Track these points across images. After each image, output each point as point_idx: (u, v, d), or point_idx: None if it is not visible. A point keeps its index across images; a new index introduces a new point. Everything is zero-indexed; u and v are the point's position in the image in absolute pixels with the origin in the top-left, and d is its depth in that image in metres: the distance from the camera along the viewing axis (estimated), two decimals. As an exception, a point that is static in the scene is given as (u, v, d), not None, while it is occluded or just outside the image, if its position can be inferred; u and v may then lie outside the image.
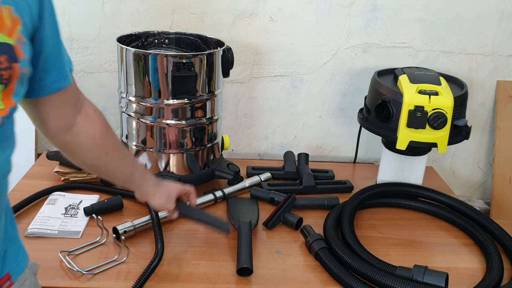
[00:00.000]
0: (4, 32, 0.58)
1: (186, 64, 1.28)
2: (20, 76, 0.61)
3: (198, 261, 1.17)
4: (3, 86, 0.59)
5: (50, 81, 0.75)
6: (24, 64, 0.62)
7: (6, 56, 0.58)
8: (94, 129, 0.88)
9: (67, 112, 0.83)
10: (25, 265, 0.78)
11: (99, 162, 0.93)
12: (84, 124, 0.86)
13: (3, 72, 0.58)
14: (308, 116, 1.77)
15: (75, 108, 0.85)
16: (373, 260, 1.14)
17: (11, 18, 0.59)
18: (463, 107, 1.41)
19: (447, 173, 1.88)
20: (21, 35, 0.61)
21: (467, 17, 1.66)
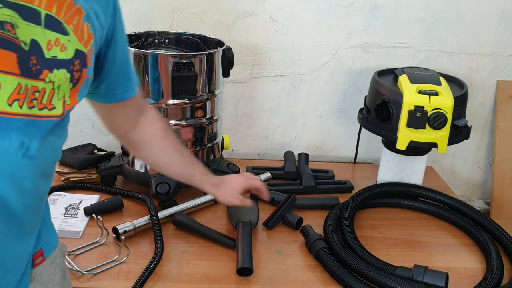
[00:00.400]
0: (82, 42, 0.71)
1: (186, 64, 1.28)
2: (85, 79, 0.72)
3: (198, 261, 1.17)
4: (72, 85, 0.70)
5: (119, 92, 0.89)
6: (90, 70, 0.73)
7: (79, 61, 0.70)
8: (155, 129, 1.01)
9: (132, 116, 0.96)
10: (56, 244, 0.84)
11: (160, 161, 1.05)
12: (147, 125, 0.99)
13: (75, 73, 0.69)
14: (308, 116, 1.77)
15: (139, 112, 0.98)
16: (373, 260, 1.14)
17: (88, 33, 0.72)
18: (463, 107, 1.41)
19: (447, 173, 1.88)
20: (92, 48, 0.73)
21: (467, 17, 1.66)
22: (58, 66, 0.67)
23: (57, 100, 0.68)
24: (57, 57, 0.66)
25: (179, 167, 1.08)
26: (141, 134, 0.99)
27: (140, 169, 1.41)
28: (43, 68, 0.65)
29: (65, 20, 0.67)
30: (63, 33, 0.67)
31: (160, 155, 1.04)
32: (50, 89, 0.66)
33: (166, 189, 1.33)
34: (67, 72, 0.68)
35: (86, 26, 0.71)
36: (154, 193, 1.33)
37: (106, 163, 1.45)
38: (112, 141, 1.75)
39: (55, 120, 0.68)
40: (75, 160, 1.45)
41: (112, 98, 0.90)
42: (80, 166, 1.44)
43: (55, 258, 0.83)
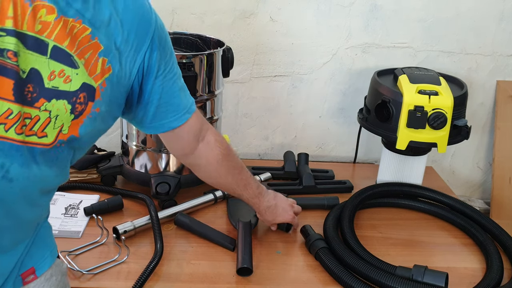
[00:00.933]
0: (93, 76, 0.71)
1: (186, 64, 1.28)
2: (91, 113, 0.72)
3: (198, 261, 1.17)
4: (73, 116, 0.69)
5: (166, 122, 0.91)
6: (98, 104, 0.73)
7: (85, 94, 0.70)
8: (212, 156, 1.04)
9: (188, 142, 0.98)
10: (51, 262, 0.83)
11: (213, 182, 1.13)
12: (204, 151, 1.02)
13: (78, 105, 0.69)
14: (308, 116, 1.77)
15: (197, 137, 1.00)
16: (373, 260, 1.14)
17: (102, 67, 0.72)
18: (463, 107, 1.41)
19: (447, 173, 1.88)
20: (105, 82, 0.73)
21: (467, 17, 1.66)
22: (58, 96, 0.67)
23: (52, 129, 0.68)
24: (59, 88, 0.67)
25: (230, 189, 1.14)
26: (199, 159, 1.03)
27: (140, 169, 1.41)
28: (40, 96, 0.65)
29: (76, 54, 0.68)
30: (71, 66, 0.68)
31: (214, 177, 1.09)
32: (45, 118, 0.67)
33: (166, 189, 1.33)
34: (68, 104, 0.68)
35: (101, 61, 0.72)
36: (154, 193, 1.33)
37: (106, 163, 1.45)
38: (112, 141, 1.75)
39: (42, 148, 0.68)
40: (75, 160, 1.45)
41: (159, 128, 0.92)
42: (80, 166, 1.44)
43: (51, 276, 0.82)
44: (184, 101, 0.93)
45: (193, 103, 0.96)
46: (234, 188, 1.13)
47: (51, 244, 0.85)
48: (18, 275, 0.77)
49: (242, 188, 1.13)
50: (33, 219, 0.77)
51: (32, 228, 0.78)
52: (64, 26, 0.67)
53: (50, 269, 0.82)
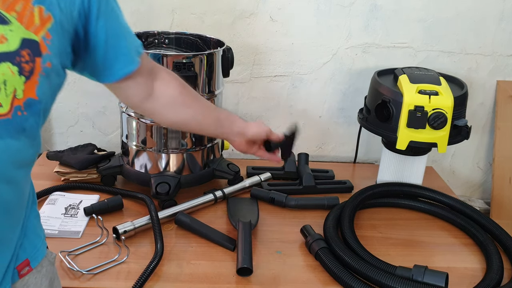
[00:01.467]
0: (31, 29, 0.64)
1: (186, 64, 1.28)
2: (42, 69, 0.66)
3: (198, 261, 1.17)
4: (24, 78, 0.64)
5: (117, 69, 0.84)
6: (47, 58, 0.67)
7: (29, 51, 0.64)
8: (172, 89, 0.97)
9: (144, 84, 0.92)
10: (43, 253, 0.82)
11: (184, 117, 1.01)
12: (162, 88, 0.95)
13: (24, 65, 0.63)
14: (308, 116, 1.77)
15: (150, 78, 0.93)
16: (373, 260, 1.14)
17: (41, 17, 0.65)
18: (463, 107, 1.41)
19: (447, 173, 1.88)
20: (49, 33, 0.67)
21: (467, 17, 1.66)
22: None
23: (5, 96, 0.62)
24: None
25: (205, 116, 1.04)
26: (160, 99, 0.96)
27: (140, 169, 1.41)
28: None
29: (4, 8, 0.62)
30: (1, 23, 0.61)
31: (182, 112, 1.00)
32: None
33: (166, 189, 1.33)
34: (13, 65, 0.62)
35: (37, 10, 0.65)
36: (154, 193, 1.33)
37: (106, 163, 1.45)
38: (112, 141, 1.75)
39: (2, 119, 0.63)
40: (75, 160, 1.45)
41: (112, 76, 0.85)
42: (80, 166, 1.44)
43: (42, 268, 0.81)
44: (132, 42, 0.87)
45: (140, 45, 0.90)
46: (208, 113, 1.05)
47: (42, 234, 0.83)
48: (14, 268, 0.75)
49: (214, 109, 1.07)
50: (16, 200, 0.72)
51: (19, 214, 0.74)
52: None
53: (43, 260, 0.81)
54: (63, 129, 1.73)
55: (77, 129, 1.73)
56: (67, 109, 1.69)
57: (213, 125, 1.08)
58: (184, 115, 1.01)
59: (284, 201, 1.41)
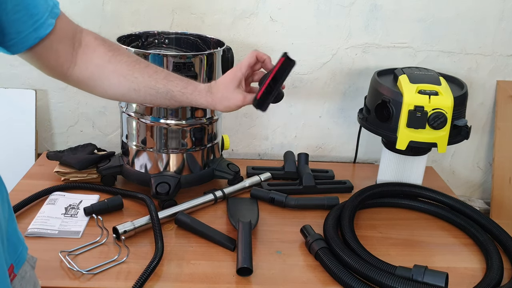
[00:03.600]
0: None
1: (186, 64, 1.28)
2: None
3: (198, 261, 1.17)
4: None
5: (28, 32, 0.74)
6: None
7: None
8: (98, 56, 0.86)
9: (65, 51, 0.82)
10: (25, 257, 0.79)
11: (122, 90, 0.89)
12: (88, 56, 0.85)
13: None
14: (308, 116, 1.77)
15: (73, 44, 0.83)
16: (373, 260, 1.14)
17: None
18: (463, 107, 1.41)
19: (447, 173, 1.88)
20: None
21: (467, 17, 1.66)
22: None
23: None
24: None
25: (150, 90, 0.90)
26: (87, 68, 0.85)
27: (140, 169, 1.41)
28: None
29: None
30: None
31: (118, 84, 0.88)
32: None
33: (166, 189, 1.33)
34: None
35: None
36: (154, 193, 1.33)
37: (106, 163, 1.45)
38: (112, 141, 1.75)
39: None
40: (75, 160, 1.45)
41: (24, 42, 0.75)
42: (80, 166, 1.44)
43: (25, 273, 0.79)
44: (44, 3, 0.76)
45: (56, 5, 0.79)
46: (153, 85, 0.90)
47: (21, 237, 0.79)
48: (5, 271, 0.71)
49: (163, 81, 0.90)
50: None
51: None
52: None
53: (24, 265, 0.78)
54: (63, 129, 1.73)
55: (77, 129, 1.73)
56: (67, 109, 1.69)
57: (164, 100, 0.93)
58: (119, 89, 0.88)
59: (284, 201, 1.41)
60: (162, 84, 0.91)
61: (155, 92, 0.91)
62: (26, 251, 0.81)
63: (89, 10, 1.58)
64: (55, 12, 0.79)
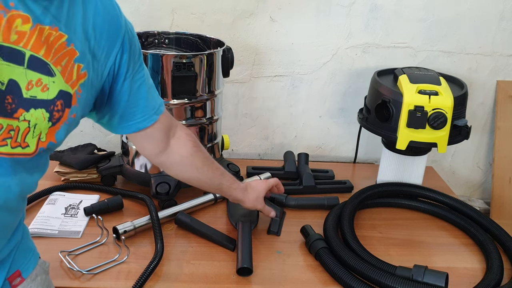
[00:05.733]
0: (69, 83, 0.71)
1: (186, 64, 1.28)
2: (68, 119, 0.73)
3: (198, 261, 1.17)
4: (50, 124, 0.71)
5: (133, 123, 0.92)
6: (74, 110, 0.74)
7: (62, 101, 0.71)
8: (185, 149, 1.03)
9: (160, 140, 0.99)
10: (35, 263, 0.85)
11: (191, 176, 1.08)
12: (177, 147, 1.02)
13: (55, 113, 0.70)
14: (308, 116, 1.77)
15: (168, 135, 1.00)
16: (373, 260, 1.14)
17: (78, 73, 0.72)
18: (463, 107, 1.41)
19: (447, 173, 1.88)
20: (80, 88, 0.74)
21: (467, 17, 1.66)
22: (36, 106, 0.67)
23: (31, 138, 0.69)
24: (37, 97, 0.67)
25: (208, 180, 1.10)
26: (172, 156, 1.02)
27: (140, 169, 1.41)
28: (19, 107, 0.65)
29: (53, 62, 0.68)
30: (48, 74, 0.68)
31: (190, 172, 1.07)
32: (24, 128, 0.67)
33: (166, 189, 1.33)
34: (46, 112, 0.68)
35: (76, 67, 0.72)
36: (154, 193, 1.33)
37: (106, 163, 1.45)
38: (112, 141, 1.75)
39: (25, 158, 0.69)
40: (75, 160, 1.45)
41: (127, 128, 0.92)
42: (80, 166, 1.44)
43: (36, 276, 0.83)
44: (152, 102, 0.93)
45: (161, 104, 0.97)
46: (212, 178, 1.11)
47: (32, 246, 0.87)
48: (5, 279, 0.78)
49: (219, 176, 1.12)
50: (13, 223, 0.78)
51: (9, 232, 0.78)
52: (40, 34, 0.67)
53: (35, 269, 0.84)
54: (63, 129, 1.73)
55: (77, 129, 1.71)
56: (67, 109, 1.69)
57: (213, 189, 1.17)
58: (189, 175, 1.08)
59: (284, 201, 1.41)
60: (218, 180, 1.12)
61: (211, 183, 1.11)
62: (37, 258, 0.87)
63: (89, 10, 1.57)
64: (161, 110, 0.96)
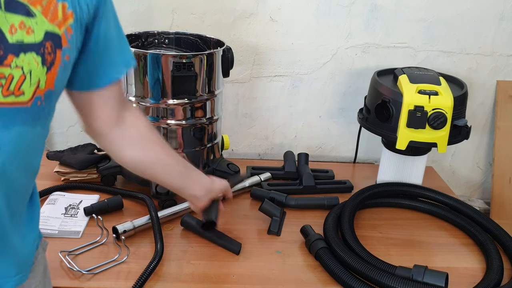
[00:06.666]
0: (55, 23, 0.68)
1: (186, 64, 1.28)
2: (62, 62, 0.70)
3: (198, 261, 1.17)
4: (46, 69, 0.67)
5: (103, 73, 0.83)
6: (68, 52, 0.71)
7: (51, 43, 0.68)
8: (142, 123, 0.96)
9: (115, 108, 0.90)
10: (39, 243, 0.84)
11: (151, 156, 0.98)
12: (133, 119, 0.93)
13: (47, 56, 0.67)
14: (308, 116, 1.77)
15: (122, 105, 0.91)
16: (373, 260, 1.14)
17: (64, 12, 0.69)
18: (463, 107, 1.41)
19: (447, 173, 1.88)
20: (71, 27, 0.71)
21: (467, 17, 1.66)
22: (25, 50, 0.65)
23: (29, 86, 0.66)
24: (24, 41, 0.64)
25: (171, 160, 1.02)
26: (128, 129, 0.92)
27: (140, 169, 1.41)
28: (7, 53, 0.63)
29: (30, 2, 0.65)
30: (28, 15, 0.65)
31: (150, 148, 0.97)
32: (19, 75, 0.64)
33: (166, 189, 1.33)
34: (37, 55, 0.66)
35: (61, 6, 0.69)
36: (154, 193, 1.33)
37: (106, 163, 1.45)
38: (112, 141, 1.75)
39: (21, 107, 0.66)
40: (75, 160, 1.45)
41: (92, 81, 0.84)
42: (80, 166, 1.44)
43: (38, 254, 0.83)
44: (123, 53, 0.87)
45: (132, 58, 0.89)
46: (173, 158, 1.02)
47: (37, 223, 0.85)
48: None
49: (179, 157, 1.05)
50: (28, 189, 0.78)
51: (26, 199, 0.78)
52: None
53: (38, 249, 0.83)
54: (63, 129, 1.73)
55: (77, 129, 1.73)
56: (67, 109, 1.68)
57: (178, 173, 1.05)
58: (150, 153, 0.97)
59: (284, 201, 1.41)
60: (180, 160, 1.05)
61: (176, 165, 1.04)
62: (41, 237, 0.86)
63: (89, 10, 1.57)
64: (131, 63, 0.89)
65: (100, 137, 0.92)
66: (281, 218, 1.34)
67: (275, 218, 1.30)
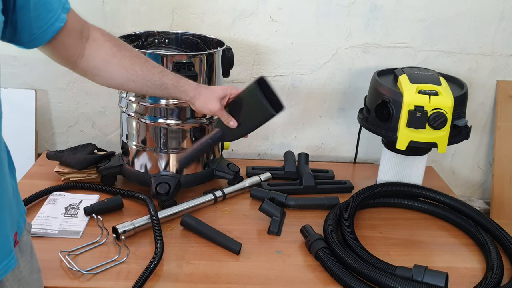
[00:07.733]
0: None
1: (186, 64, 1.28)
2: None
3: (198, 261, 1.17)
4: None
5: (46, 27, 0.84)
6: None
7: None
8: (104, 51, 0.97)
9: (74, 44, 0.92)
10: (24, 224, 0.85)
11: (123, 80, 1.01)
12: (94, 49, 0.95)
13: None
14: (308, 116, 1.77)
15: (82, 38, 0.93)
16: (373, 260, 1.14)
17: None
18: (463, 107, 1.41)
19: (447, 173, 1.88)
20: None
21: (467, 17, 1.66)
22: None
23: None
24: None
25: (148, 82, 1.03)
26: (93, 60, 0.95)
27: (140, 169, 1.41)
28: None
29: None
30: None
31: (120, 75, 0.99)
32: None
33: (166, 189, 1.33)
34: None
35: None
36: (154, 193, 1.33)
37: (106, 163, 1.45)
38: (112, 141, 1.75)
39: None
40: (75, 160, 1.45)
41: (43, 37, 0.84)
42: (80, 166, 1.44)
43: (23, 236, 0.83)
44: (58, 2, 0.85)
45: (67, 1, 0.88)
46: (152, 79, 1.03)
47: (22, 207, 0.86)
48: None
49: (159, 75, 1.04)
50: None
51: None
52: None
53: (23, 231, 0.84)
54: (63, 129, 1.73)
55: (77, 129, 1.73)
56: (67, 109, 1.69)
57: (159, 92, 1.07)
58: (120, 79, 1.00)
59: (284, 201, 1.41)
60: (158, 78, 1.05)
61: (151, 84, 1.04)
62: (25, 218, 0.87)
63: (89, 10, 1.57)
64: (67, 7, 0.88)
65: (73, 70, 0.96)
66: (281, 218, 1.34)
67: (275, 218, 1.30)
